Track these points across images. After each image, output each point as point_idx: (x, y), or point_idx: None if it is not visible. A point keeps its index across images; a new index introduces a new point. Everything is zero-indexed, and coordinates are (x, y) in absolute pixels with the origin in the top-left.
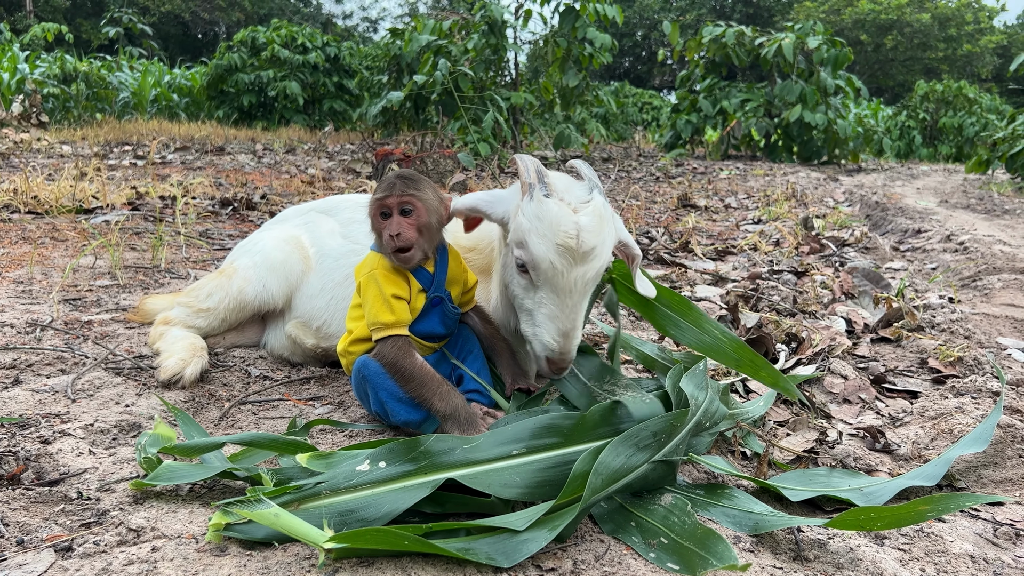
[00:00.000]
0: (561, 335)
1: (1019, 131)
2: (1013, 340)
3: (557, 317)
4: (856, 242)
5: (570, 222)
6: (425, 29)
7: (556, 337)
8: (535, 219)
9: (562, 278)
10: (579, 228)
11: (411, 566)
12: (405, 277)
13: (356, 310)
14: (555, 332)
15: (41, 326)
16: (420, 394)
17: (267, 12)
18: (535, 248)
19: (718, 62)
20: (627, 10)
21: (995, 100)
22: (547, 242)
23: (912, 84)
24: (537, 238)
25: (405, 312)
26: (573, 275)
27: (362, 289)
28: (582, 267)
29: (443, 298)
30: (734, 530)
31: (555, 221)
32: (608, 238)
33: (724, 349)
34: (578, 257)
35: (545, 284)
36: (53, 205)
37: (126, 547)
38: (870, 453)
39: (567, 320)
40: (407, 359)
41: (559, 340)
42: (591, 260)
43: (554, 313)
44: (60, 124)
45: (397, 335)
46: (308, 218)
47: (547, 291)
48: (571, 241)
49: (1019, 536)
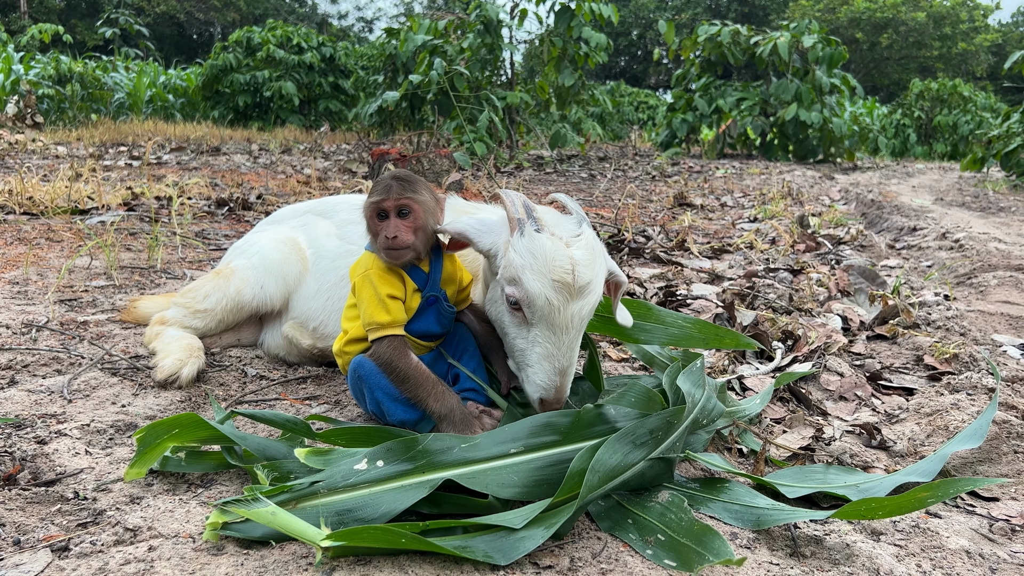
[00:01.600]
0: (558, 374)
1: (1014, 129)
2: (1008, 337)
3: (553, 356)
4: (852, 240)
5: (564, 257)
6: (421, 29)
7: (552, 376)
8: (528, 255)
9: (559, 315)
10: (574, 263)
11: (408, 564)
12: (400, 277)
13: (352, 310)
14: (551, 371)
15: (37, 327)
16: (415, 394)
17: (262, 12)
18: (530, 285)
19: (714, 61)
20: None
21: (990, 98)
22: (542, 278)
23: (907, 82)
24: (532, 274)
25: (400, 312)
26: (569, 311)
27: (357, 289)
28: (578, 303)
29: (438, 297)
30: (736, 525)
31: (550, 256)
32: (601, 271)
33: (692, 334)
34: (574, 292)
35: (540, 321)
36: (48, 206)
37: (123, 547)
38: (866, 450)
39: (563, 358)
40: (402, 359)
41: (555, 379)
42: (587, 295)
43: (550, 352)
44: (55, 125)
45: (393, 335)
46: (304, 220)
47: (542, 328)
48: (567, 276)
49: (1015, 531)
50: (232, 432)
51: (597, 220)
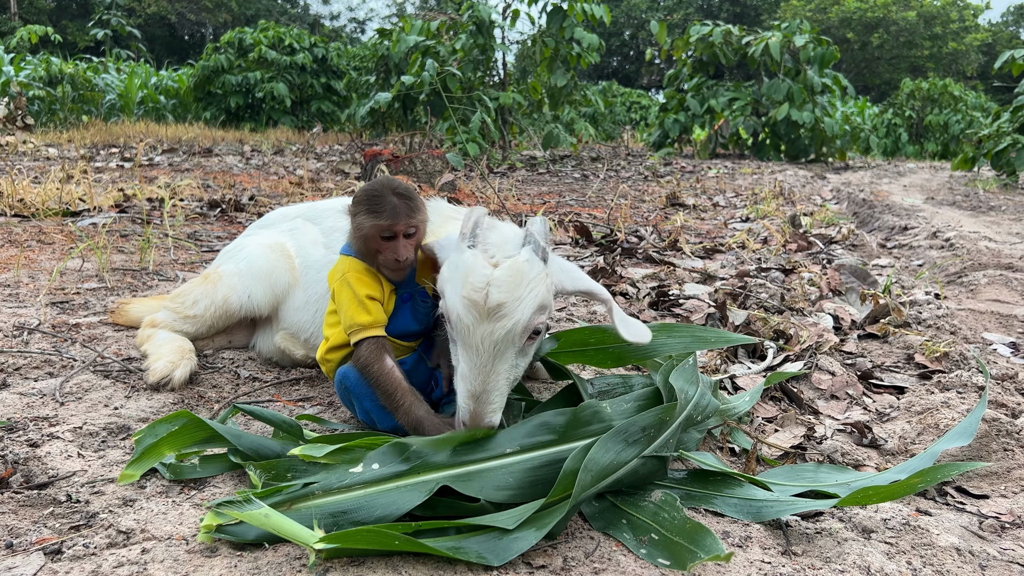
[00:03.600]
0: (470, 397)
1: (1004, 128)
2: (998, 335)
3: (466, 377)
4: (843, 239)
5: (480, 275)
6: (413, 30)
7: (465, 399)
8: (453, 269)
9: (469, 335)
10: (488, 282)
11: (402, 565)
12: (377, 279)
13: (332, 316)
14: (464, 394)
15: (28, 329)
16: (386, 402)
17: (254, 13)
18: (448, 298)
19: (706, 61)
20: (614, 10)
21: (980, 98)
22: (455, 295)
23: (898, 82)
24: (450, 289)
25: (380, 312)
26: (480, 332)
27: (336, 294)
28: (489, 325)
29: (412, 294)
30: (737, 517)
31: (466, 272)
32: (526, 297)
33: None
34: (483, 313)
35: (458, 338)
36: (39, 208)
37: (116, 549)
38: (857, 448)
39: (476, 381)
40: (378, 363)
41: (468, 403)
42: (499, 319)
43: (464, 373)
44: (46, 127)
45: (374, 336)
46: (294, 224)
47: (460, 347)
48: (476, 295)
49: (1004, 529)
50: (230, 431)
51: (590, 220)
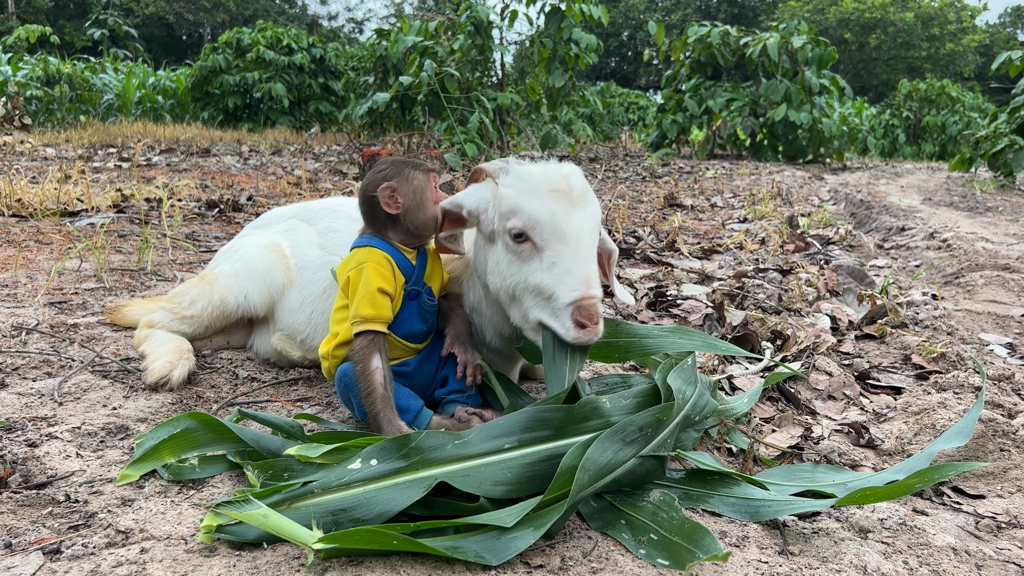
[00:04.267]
0: (583, 283)
1: (1001, 129)
2: (995, 336)
3: (572, 268)
4: (841, 240)
5: (555, 171)
6: (411, 30)
7: (577, 286)
8: (519, 182)
9: (565, 224)
10: (566, 174)
11: (400, 565)
12: (393, 270)
13: (340, 312)
14: (575, 282)
15: (26, 329)
16: (363, 402)
17: (252, 13)
18: (529, 204)
19: (703, 62)
20: (612, 10)
21: (977, 98)
22: (540, 194)
23: (896, 83)
24: (528, 196)
25: (386, 309)
26: (575, 219)
27: (350, 283)
28: (581, 212)
29: (420, 291)
30: (735, 517)
31: (542, 174)
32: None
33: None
34: (574, 199)
35: (551, 238)
36: (37, 208)
37: (115, 549)
38: (854, 448)
39: (582, 268)
40: (364, 360)
41: (580, 287)
42: (587, 204)
43: (569, 265)
44: (43, 126)
45: (373, 331)
46: (289, 225)
47: (555, 245)
48: (563, 184)
49: (1000, 529)
50: (247, 433)
51: None
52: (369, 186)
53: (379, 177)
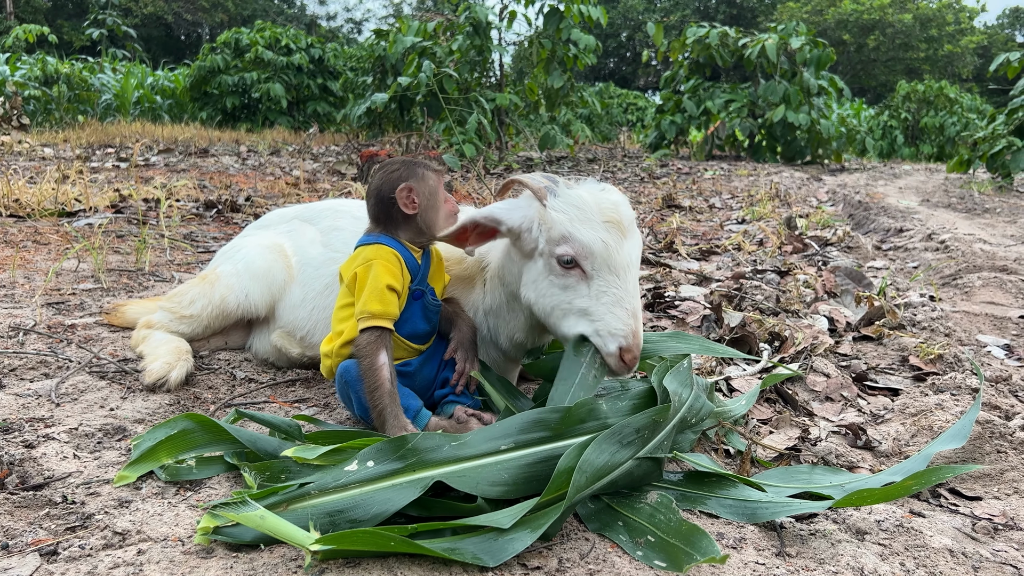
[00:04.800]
0: (631, 316)
1: (999, 130)
2: (992, 337)
3: (622, 299)
4: (839, 241)
5: (606, 199)
6: (410, 30)
7: (627, 319)
8: (572, 208)
9: (617, 255)
10: (615, 203)
11: (397, 566)
12: (402, 268)
13: (345, 310)
14: (625, 315)
15: (24, 330)
16: (367, 397)
17: (251, 13)
18: (583, 233)
19: (702, 63)
20: (611, 11)
21: (976, 100)
22: (593, 224)
23: (894, 84)
24: (581, 224)
25: (394, 306)
26: (625, 250)
27: (359, 278)
28: (628, 242)
29: (424, 291)
30: (732, 519)
31: (594, 202)
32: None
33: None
34: (624, 230)
35: (602, 267)
36: (35, 208)
37: (112, 550)
38: (852, 450)
39: (631, 300)
40: (371, 356)
41: (630, 322)
42: (634, 234)
43: (618, 296)
44: (41, 126)
45: (379, 327)
46: (291, 225)
47: (605, 275)
48: (615, 214)
49: (997, 530)
50: (245, 434)
51: None
52: (385, 186)
53: (395, 177)
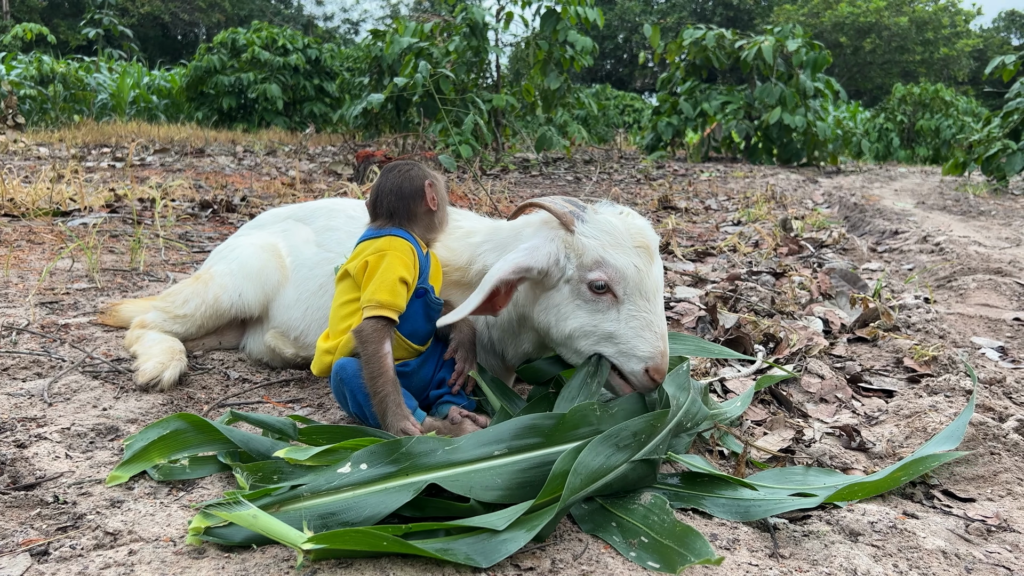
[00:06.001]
0: (660, 339)
1: (994, 133)
2: (986, 339)
3: (651, 323)
4: (834, 243)
5: (634, 225)
6: (406, 31)
7: (656, 342)
8: (604, 234)
9: (648, 279)
10: (642, 228)
11: (390, 567)
12: (414, 263)
13: (347, 307)
14: (655, 338)
15: (17, 330)
16: (368, 384)
17: (247, 14)
18: (616, 260)
19: (698, 65)
20: (608, 13)
21: (971, 103)
22: (626, 249)
23: (890, 87)
24: (614, 250)
25: (403, 299)
26: (654, 274)
27: (369, 268)
28: (656, 266)
29: (427, 290)
30: (726, 518)
31: (624, 228)
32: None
33: None
34: (652, 254)
35: (633, 292)
36: (30, 207)
37: (103, 550)
38: (846, 451)
39: (661, 324)
40: (376, 343)
41: (659, 344)
42: (656, 259)
43: (648, 320)
44: (37, 126)
45: (384, 317)
46: (285, 225)
47: (636, 299)
48: (643, 240)
49: (990, 532)
50: (237, 434)
51: None
52: (406, 183)
53: (417, 175)
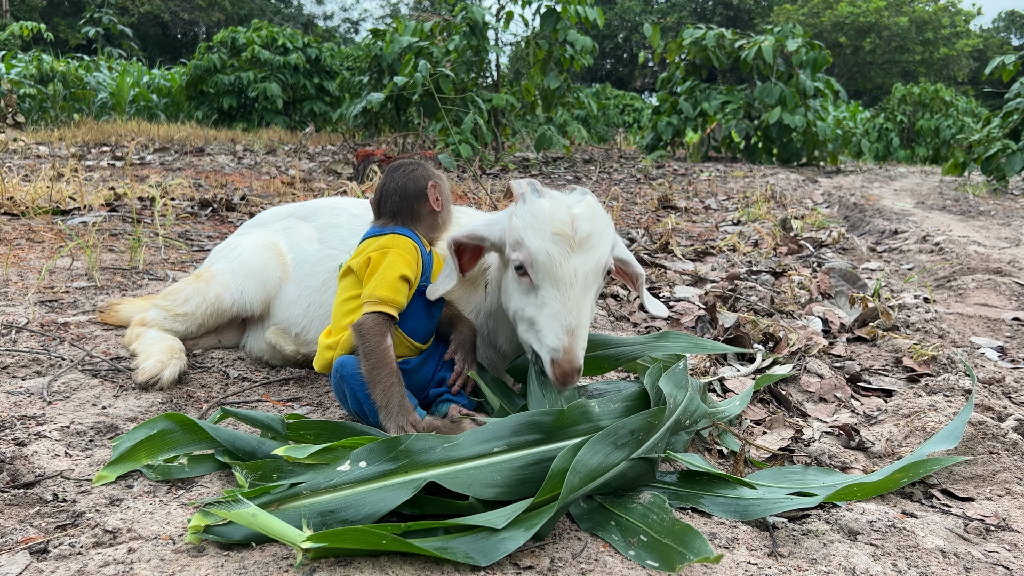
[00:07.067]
0: (566, 332)
1: (994, 134)
2: (986, 339)
3: (559, 314)
4: (833, 243)
5: (564, 212)
6: (406, 30)
7: (560, 335)
8: (529, 216)
9: (560, 268)
10: (573, 216)
11: (389, 565)
12: (419, 260)
13: (349, 303)
14: (559, 330)
15: (17, 328)
16: (369, 376)
17: (247, 12)
18: (531, 242)
19: (698, 64)
20: (608, 12)
21: (971, 103)
22: (543, 234)
23: (890, 87)
24: (533, 233)
25: (403, 296)
26: (571, 265)
27: (372, 263)
28: (580, 256)
29: (428, 287)
30: (725, 517)
31: (549, 213)
32: (605, 232)
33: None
34: (575, 245)
35: (545, 279)
36: (29, 206)
37: (102, 549)
38: (845, 451)
39: (570, 316)
40: (378, 336)
41: (563, 338)
42: (588, 250)
43: (556, 310)
44: (37, 125)
45: (384, 313)
46: (286, 223)
47: (547, 287)
48: (566, 228)
49: (989, 531)
50: (223, 433)
51: None
52: (410, 183)
53: (421, 175)
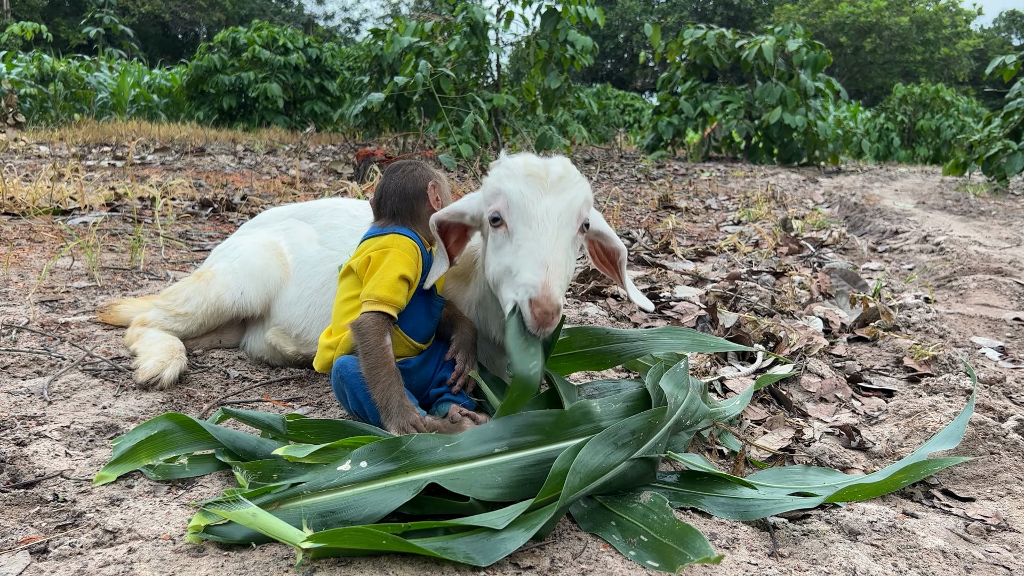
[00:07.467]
0: (541, 266)
1: (995, 134)
2: (986, 339)
3: (534, 251)
4: (834, 243)
5: (536, 160)
6: (407, 30)
7: (536, 270)
8: (504, 169)
9: (533, 206)
10: (548, 162)
11: (389, 565)
12: (419, 260)
13: (349, 303)
14: (534, 265)
15: (17, 328)
16: (368, 375)
17: (248, 12)
18: (505, 185)
19: (699, 64)
20: (608, 12)
21: (972, 103)
22: (516, 178)
23: (891, 87)
24: (507, 179)
25: (402, 296)
26: (544, 204)
27: (371, 263)
28: (552, 197)
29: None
30: (725, 517)
31: (522, 161)
32: (579, 183)
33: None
34: (547, 186)
35: (518, 220)
36: (30, 206)
37: (102, 549)
38: (845, 451)
39: (545, 251)
40: (377, 335)
41: (539, 272)
42: (561, 191)
43: (531, 248)
44: (37, 125)
45: (383, 312)
46: (287, 224)
47: (521, 228)
48: (539, 170)
49: (990, 531)
50: (224, 433)
51: None
52: (410, 184)
53: (421, 175)
